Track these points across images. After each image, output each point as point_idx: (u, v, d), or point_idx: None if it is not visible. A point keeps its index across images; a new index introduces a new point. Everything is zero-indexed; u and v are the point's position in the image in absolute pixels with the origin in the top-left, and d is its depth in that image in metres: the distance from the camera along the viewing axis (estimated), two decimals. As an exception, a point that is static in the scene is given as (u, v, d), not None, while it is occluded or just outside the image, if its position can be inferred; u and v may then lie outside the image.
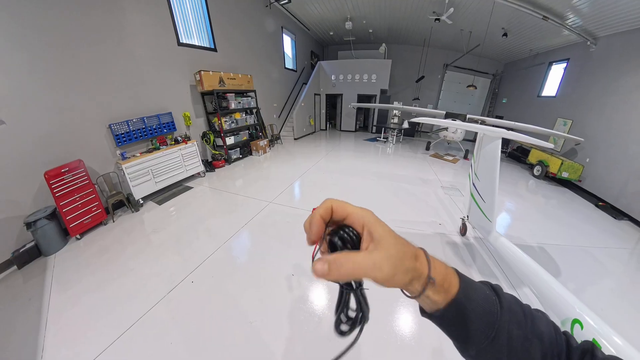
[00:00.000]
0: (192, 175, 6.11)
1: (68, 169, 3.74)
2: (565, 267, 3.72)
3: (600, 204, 6.40)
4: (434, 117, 9.08)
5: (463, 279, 0.46)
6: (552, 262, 3.80)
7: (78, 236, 3.87)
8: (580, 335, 1.57)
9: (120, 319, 2.51)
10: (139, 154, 4.92)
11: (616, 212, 6.02)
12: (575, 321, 1.64)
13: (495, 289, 0.49)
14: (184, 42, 6.07)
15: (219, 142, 7.24)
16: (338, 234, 0.42)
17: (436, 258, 0.46)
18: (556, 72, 9.29)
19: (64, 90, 3.92)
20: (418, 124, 13.34)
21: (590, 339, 1.48)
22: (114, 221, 4.35)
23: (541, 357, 0.43)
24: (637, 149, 5.91)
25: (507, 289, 3.09)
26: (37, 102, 3.62)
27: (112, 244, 3.76)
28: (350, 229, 0.43)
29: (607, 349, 1.41)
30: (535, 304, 2.44)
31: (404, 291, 0.44)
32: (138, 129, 4.96)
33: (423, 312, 0.48)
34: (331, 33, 12.64)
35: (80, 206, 3.87)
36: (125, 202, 4.62)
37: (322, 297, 2.90)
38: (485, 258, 3.71)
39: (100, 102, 4.43)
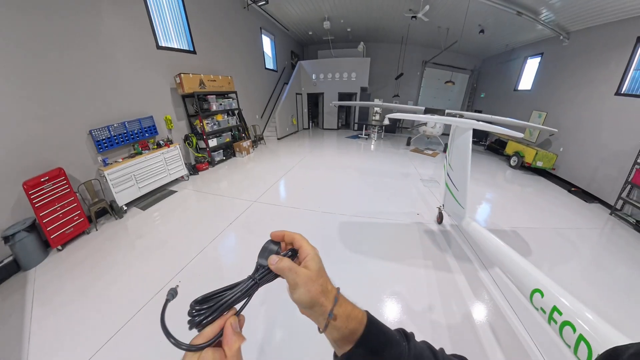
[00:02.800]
0: (176, 179, 6.09)
1: (48, 177, 3.66)
2: (538, 248, 3.97)
3: (573, 189, 6.76)
4: (414, 113, 9.31)
5: (370, 325, 0.52)
6: (525, 245, 4.04)
7: (59, 247, 3.74)
8: (540, 303, 1.73)
9: (106, 327, 2.49)
10: (121, 160, 4.87)
11: (587, 196, 6.38)
12: (536, 290, 1.79)
13: (407, 335, 0.55)
14: (163, 45, 6.04)
15: (202, 144, 7.22)
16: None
17: (349, 301, 0.54)
18: (531, 66, 9.67)
19: (42, 96, 3.85)
20: (399, 120, 13.58)
21: (551, 306, 1.64)
22: (97, 230, 4.26)
23: None
24: (606, 137, 6.27)
25: (479, 269, 3.31)
26: (12, 109, 3.54)
27: (96, 253, 3.68)
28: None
29: (566, 309, 1.56)
30: (504, 280, 2.62)
31: (318, 328, 0.52)
32: (119, 134, 4.91)
33: (335, 356, 0.54)
34: (310, 33, 12.73)
35: (62, 216, 3.77)
36: (108, 210, 4.56)
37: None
38: (460, 242, 3.92)
39: (80, 108, 4.37)
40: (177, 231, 4.17)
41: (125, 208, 4.76)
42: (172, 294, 0.53)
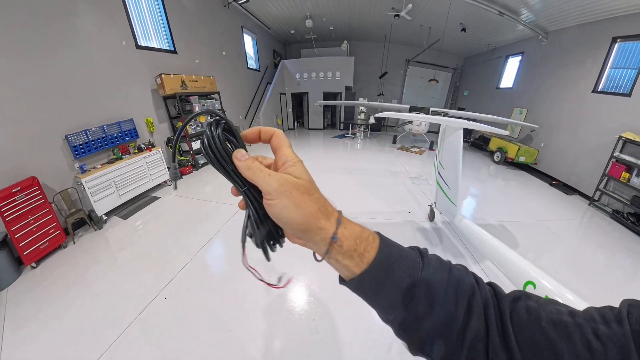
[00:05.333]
0: (159, 184, 5.84)
1: (20, 188, 3.39)
2: (523, 240, 4.13)
3: (554, 182, 7.03)
4: (399, 111, 9.37)
5: (384, 245, 0.43)
6: (511, 237, 4.17)
7: (34, 264, 3.43)
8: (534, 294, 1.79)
9: (87, 350, 2.30)
10: (99, 166, 4.63)
11: (567, 189, 6.65)
12: (529, 282, 1.84)
13: (422, 253, 0.46)
14: (143, 45, 5.80)
15: (185, 147, 7.00)
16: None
17: (354, 222, 0.45)
18: (512, 65, 9.97)
19: (12, 99, 3.56)
20: (384, 118, 13.68)
21: (544, 296, 1.67)
22: (74, 243, 3.98)
23: (464, 312, 0.40)
24: (584, 132, 6.54)
25: (471, 264, 3.36)
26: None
27: (74, 268, 3.41)
28: None
29: (557, 299, 1.61)
30: (496, 275, 2.67)
31: (314, 254, 0.44)
32: (98, 139, 4.65)
33: (341, 279, 0.46)
34: (292, 31, 12.59)
35: (36, 229, 3.49)
36: (86, 220, 4.29)
37: (301, 294, 2.94)
38: (452, 239, 3.98)
39: (55, 112, 4.10)
40: (161, 241, 3.97)
41: (105, 218, 4.52)
42: None
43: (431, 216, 4.40)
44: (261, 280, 0.49)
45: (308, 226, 0.40)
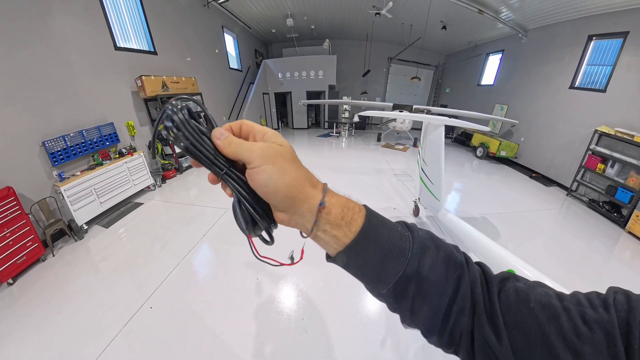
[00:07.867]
0: (142, 189, 5.69)
1: None
2: (505, 230, 4.30)
3: (534, 175, 7.28)
4: (382, 109, 9.47)
5: (371, 215, 0.44)
6: (494, 228, 4.33)
7: (10, 281, 3.21)
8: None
9: None
10: (79, 173, 4.46)
11: (547, 181, 6.90)
12: (509, 271, 1.90)
13: (409, 226, 0.46)
14: (122, 46, 5.63)
15: (168, 150, 6.86)
16: None
17: (340, 194, 0.46)
18: (493, 62, 10.20)
19: None
20: (368, 117, 13.76)
21: None
22: (54, 255, 3.79)
23: (453, 288, 0.41)
24: (562, 127, 6.80)
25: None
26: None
27: (54, 282, 3.24)
28: None
29: None
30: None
31: (301, 233, 0.44)
32: (77, 144, 4.48)
33: (328, 257, 0.46)
34: (273, 30, 12.49)
35: (12, 243, 3.29)
36: (66, 231, 4.10)
37: (290, 294, 2.95)
38: (436, 233, 4.01)
39: (31, 116, 3.91)
40: (146, 248, 3.87)
41: (85, 227, 4.35)
42: None
43: (416, 211, 4.48)
44: (281, 264, 0.48)
45: (295, 193, 0.40)
